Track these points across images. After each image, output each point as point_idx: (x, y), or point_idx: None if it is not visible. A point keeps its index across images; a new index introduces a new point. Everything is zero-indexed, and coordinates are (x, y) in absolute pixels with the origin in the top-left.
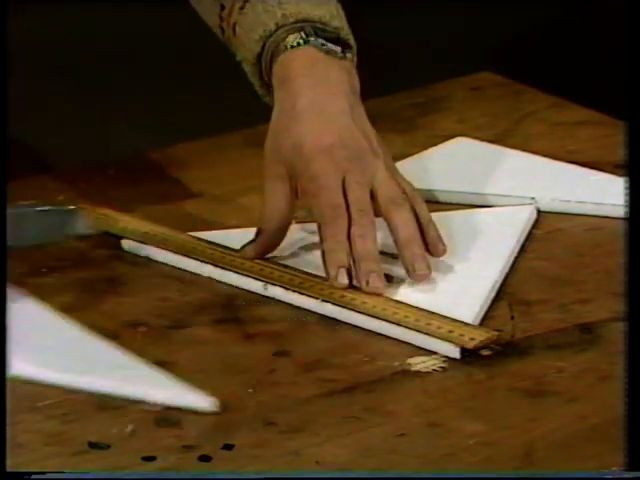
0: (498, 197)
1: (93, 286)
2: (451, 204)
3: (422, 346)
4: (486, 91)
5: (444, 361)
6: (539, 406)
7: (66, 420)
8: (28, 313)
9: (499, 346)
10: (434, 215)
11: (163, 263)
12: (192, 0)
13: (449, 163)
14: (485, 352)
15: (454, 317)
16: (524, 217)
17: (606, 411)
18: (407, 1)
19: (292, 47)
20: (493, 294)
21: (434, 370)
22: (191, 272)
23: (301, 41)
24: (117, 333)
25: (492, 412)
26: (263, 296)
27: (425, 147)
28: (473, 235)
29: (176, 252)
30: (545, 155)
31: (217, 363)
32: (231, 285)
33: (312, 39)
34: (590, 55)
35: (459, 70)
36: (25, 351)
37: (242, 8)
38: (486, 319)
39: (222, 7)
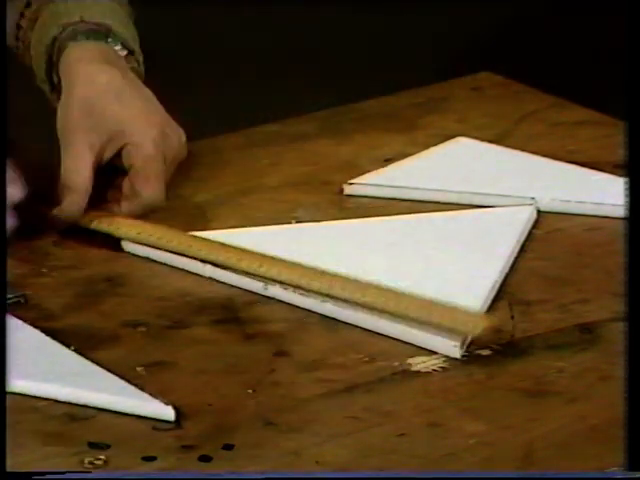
0: (498, 197)
1: (92, 286)
2: (451, 204)
3: (423, 345)
4: (486, 91)
5: (444, 361)
6: (539, 406)
7: (66, 420)
8: None
9: (499, 346)
10: (436, 215)
11: (163, 263)
12: None
13: (449, 163)
14: (485, 352)
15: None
16: (524, 217)
17: (606, 411)
18: (407, 1)
19: (82, 40)
20: (493, 294)
21: (434, 370)
22: (191, 272)
23: (91, 38)
24: (116, 333)
25: (492, 412)
26: (263, 296)
27: (425, 147)
28: (473, 235)
29: (171, 251)
30: (545, 155)
31: (217, 363)
32: (231, 285)
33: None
34: (590, 55)
35: (459, 70)
36: None
37: (50, 3)
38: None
39: (28, 4)
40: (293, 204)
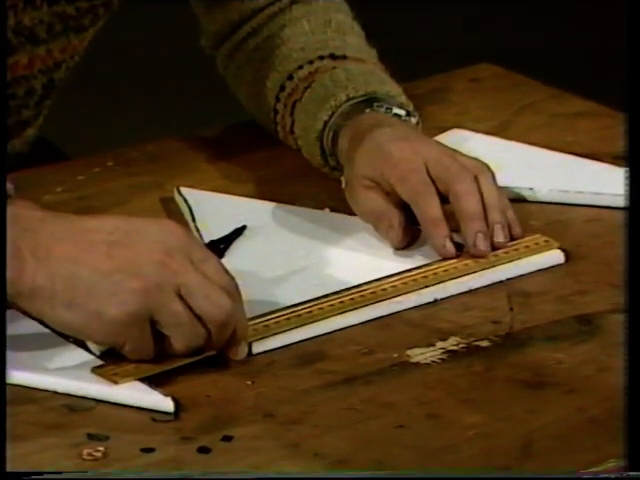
0: None
1: None
2: None
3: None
4: (485, 82)
5: (443, 352)
6: (538, 397)
7: (65, 411)
8: None
9: (498, 337)
10: None
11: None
12: (244, 94)
13: None
14: (484, 344)
15: None
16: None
17: (605, 402)
18: None
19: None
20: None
21: (433, 362)
22: None
23: (368, 110)
24: None
25: (491, 403)
26: None
27: None
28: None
29: None
30: (544, 146)
31: (215, 355)
32: None
33: (379, 107)
34: (589, 46)
35: (458, 61)
36: None
37: (307, 88)
38: (485, 310)
39: (282, 88)
40: (293, 196)
